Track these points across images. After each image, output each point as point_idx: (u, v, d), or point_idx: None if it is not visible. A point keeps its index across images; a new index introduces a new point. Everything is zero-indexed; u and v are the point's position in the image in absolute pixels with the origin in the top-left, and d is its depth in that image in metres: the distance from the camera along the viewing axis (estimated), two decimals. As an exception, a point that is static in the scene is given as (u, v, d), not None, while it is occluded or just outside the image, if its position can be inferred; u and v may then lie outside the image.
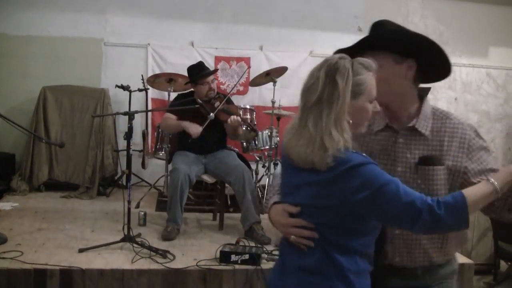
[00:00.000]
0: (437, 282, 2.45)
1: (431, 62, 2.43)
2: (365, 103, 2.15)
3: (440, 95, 8.98)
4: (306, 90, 2.16)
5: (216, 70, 6.52)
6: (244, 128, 5.97)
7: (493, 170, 2.30)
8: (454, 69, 8.85)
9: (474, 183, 2.22)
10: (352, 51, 2.33)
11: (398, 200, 1.99)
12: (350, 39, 2.63)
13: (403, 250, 2.39)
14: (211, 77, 5.85)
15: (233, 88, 7.28)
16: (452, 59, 7.72)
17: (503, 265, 6.28)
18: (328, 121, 2.06)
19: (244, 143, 6.81)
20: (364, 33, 7.81)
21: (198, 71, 5.85)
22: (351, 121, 2.12)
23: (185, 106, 5.55)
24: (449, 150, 2.35)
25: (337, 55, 2.18)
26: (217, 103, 5.69)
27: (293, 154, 2.15)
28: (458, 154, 2.35)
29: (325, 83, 2.10)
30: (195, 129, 5.53)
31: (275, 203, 2.36)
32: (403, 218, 2.02)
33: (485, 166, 2.35)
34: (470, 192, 2.02)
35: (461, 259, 5.07)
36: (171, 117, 5.74)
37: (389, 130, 2.44)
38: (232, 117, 5.55)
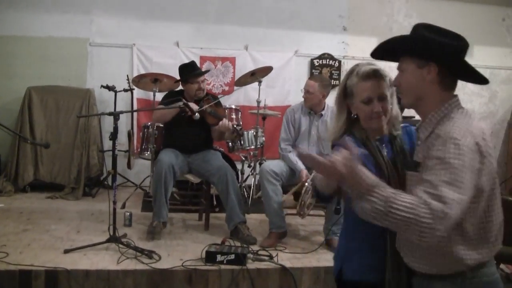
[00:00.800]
0: None
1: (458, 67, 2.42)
2: (357, 103, 2.58)
3: (425, 94, 9.00)
4: None
5: (207, 71, 6.50)
6: (231, 131, 5.98)
7: (431, 184, 2.04)
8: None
9: None
10: (388, 55, 2.51)
11: None
12: (335, 39, 2.77)
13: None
14: (202, 77, 5.86)
15: (220, 96, 7.29)
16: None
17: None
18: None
19: (230, 143, 6.82)
20: (349, 33, 7.81)
21: (190, 70, 5.87)
22: (355, 116, 2.66)
23: (171, 105, 5.54)
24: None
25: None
26: (205, 105, 5.69)
27: None
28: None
29: None
30: (193, 105, 5.54)
31: None
32: None
33: (424, 176, 2.12)
34: None
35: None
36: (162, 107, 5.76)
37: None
38: (223, 121, 5.58)
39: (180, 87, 6.11)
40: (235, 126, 6.13)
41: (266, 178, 5.27)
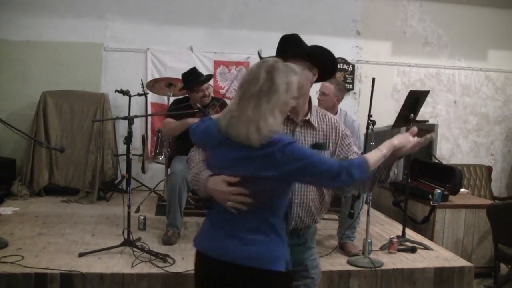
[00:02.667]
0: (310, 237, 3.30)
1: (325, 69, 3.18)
2: (290, 99, 2.64)
3: (439, 98, 9.00)
4: (246, 83, 2.61)
5: (210, 77, 6.36)
6: None
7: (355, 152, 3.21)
8: (453, 72, 8.92)
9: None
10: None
11: (321, 167, 2.52)
12: (348, 43, 2.82)
13: (299, 214, 3.07)
14: (206, 84, 5.82)
15: (226, 90, 7.27)
16: (451, 62, 7.79)
17: (504, 268, 6.29)
18: (266, 109, 2.53)
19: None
20: (363, 37, 7.82)
21: (193, 78, 5.82)
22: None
23: (183, 111, 5.54)
24: (330, 138, 3.16)
25: (272, 58, 2.72)
26: (210, 112, 5.65)
27: (232, 133, 2.57)
28: (335, 141, 3.18)
29: (265, 79, 2.56)
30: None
31: (211, 175, 2.74)
32: (325, 179, 2.58)
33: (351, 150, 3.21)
34: (368, 156, 2.67)
35: (461, 262, 5.11)
36: (172, 121, 5.72)
37: (289, 121, 3.05)
38: None
39: (186, 95, 6.09)
40: None
41: None
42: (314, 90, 6.00)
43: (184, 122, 5.56)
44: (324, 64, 3.14)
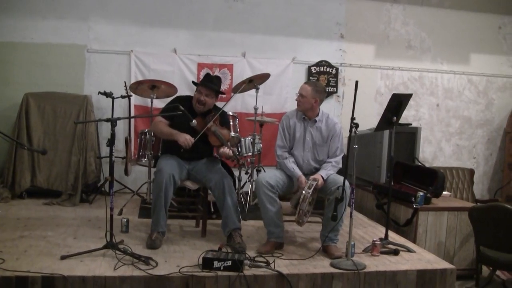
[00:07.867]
0: None
1: None
2: None
3: (422, 101, 9.05)
4: None
5: (216, 89, 6.02)
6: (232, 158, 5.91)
7: None
8: (436, 75, 8.97)
9: None
10: None
11: None
12: (332, 46, 2.76)
13: None
14: (206, 91, 5.66)
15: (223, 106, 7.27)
16: (434, 66, 7.85)
17: (485, 270, 6.32)
18: None
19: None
20: (346, 40, 7.86)
21: (205, 80, 5.76)
22: None
23: (169, 113, 5.49)
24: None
25: None
26: (209, 120, 5.59)
27: None
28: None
29: None
30: (185, 142, 5.43)
31: None
32: None
33: None
34: None
35: (443, 264, 5.13)
36: (163, 121, 5.67)
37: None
38: (223, 149, 5.51)
39: (189, 94, 6.04)
40: (236, 154, 6.03)
41: (262, 191, 5.23)
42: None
43: (172, 135, 5.52)
44: None
